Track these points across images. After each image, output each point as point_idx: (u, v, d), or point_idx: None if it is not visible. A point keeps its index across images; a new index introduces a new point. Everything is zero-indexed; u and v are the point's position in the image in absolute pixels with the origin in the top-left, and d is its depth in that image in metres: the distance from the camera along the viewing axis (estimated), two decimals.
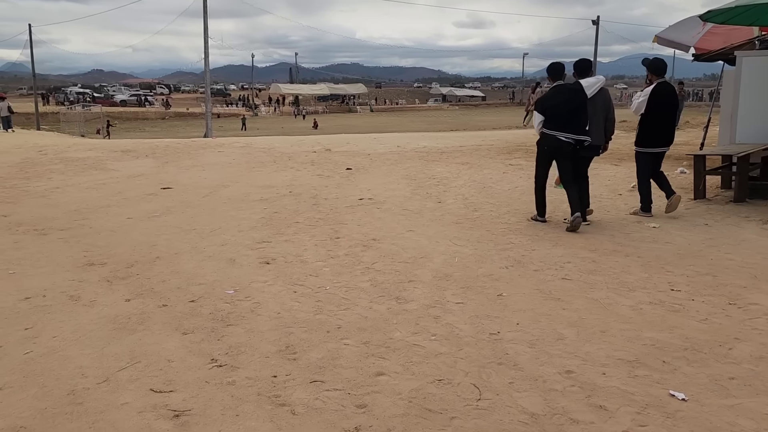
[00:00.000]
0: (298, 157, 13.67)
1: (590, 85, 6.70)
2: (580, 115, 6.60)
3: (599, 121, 6.83)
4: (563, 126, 6.58)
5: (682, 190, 8.80)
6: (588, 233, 6.34)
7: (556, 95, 6.72)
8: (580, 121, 6.60)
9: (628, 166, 11.43)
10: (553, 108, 6.67)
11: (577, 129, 6.59)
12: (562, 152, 6.70)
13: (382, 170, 11.48)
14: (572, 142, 6.61)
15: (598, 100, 6.79)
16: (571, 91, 6.69)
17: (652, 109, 7.07)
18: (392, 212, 7.67)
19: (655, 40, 12.35)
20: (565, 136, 6.59)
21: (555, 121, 6.63)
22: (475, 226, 6.81)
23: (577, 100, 6.60)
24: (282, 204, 8.29)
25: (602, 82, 6.88)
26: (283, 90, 73.59)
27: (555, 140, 6.64)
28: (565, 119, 6.59)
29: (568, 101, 6.60)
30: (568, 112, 6.58)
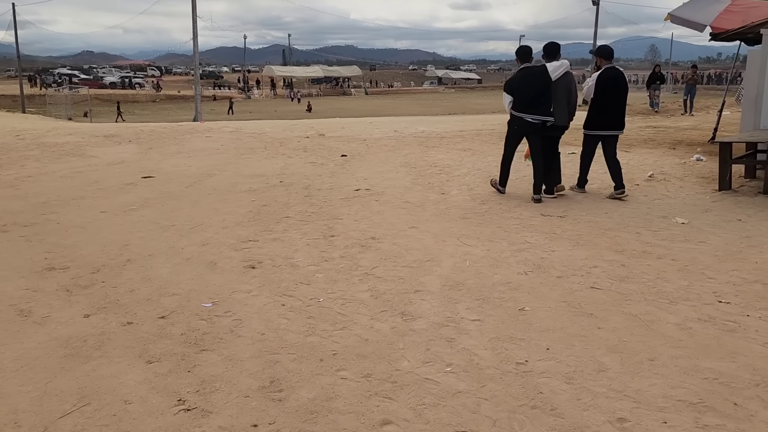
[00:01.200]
0: (290, 142, 12.96)
1: (555, 68, 7.01)
2: (545, 96, 6.95)
3: (563, 103, 7.11)
4: (529, 107, 6.96)
5: (701, 179, 8.19)
6: (612, 230, 5.70)
7: (523, 77, 7.08)
8: (545, 103, 6.96)
9: (639, 153, 10.80)
10: (520, 90, 7.03)
11: (542, 110, 6.97)
12: (530, 131, 7.10)
13: (379, 157, 10.81)
14: (538, 123, 6.99)
15: (562, 83, 7.08)
16: (536, 73, 7.00)
17: (600, 92, 7.18)
18: (392, 205, 7.02)
19: (668, 18, 11.64)
20: (531, 117, 6.98)
21: (522, 103, 7.01)
22: (484, 222, 6.17)
23: (542, 83, 6.93)
24: (272, 195, 7.62)
25: (566, 66, 7.16)
26: (276, 72, 72.25)
27: (523, 121, 7.05)
28: (531, 101, 6.95)
29: (533, 83, 6.95)
30: (533, 94, 6.94)
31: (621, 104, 7.34)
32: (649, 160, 9.86)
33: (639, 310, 3.80)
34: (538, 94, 6.95)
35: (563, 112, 7.16)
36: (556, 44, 7.38)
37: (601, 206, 6.74)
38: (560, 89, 7.07)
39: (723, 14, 10.77)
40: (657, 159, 10.05)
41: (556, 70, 7.00)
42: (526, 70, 7.11)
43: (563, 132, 7.46)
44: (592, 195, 7.33)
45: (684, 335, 3.43)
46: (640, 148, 11.63)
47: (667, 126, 16.32)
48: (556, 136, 7.43)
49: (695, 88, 22.83)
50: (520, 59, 7.25)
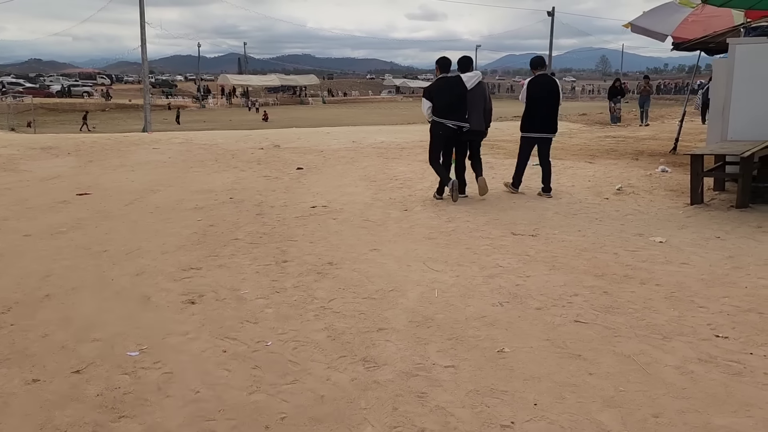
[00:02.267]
0: (243, 154, 12.32)
1: (469, 78, 7.58)
2: (461, 104, 7.50)
3: (479, 110, 7.63)
4: (448, 114, 7.48)
5: (670, 192, 7.92)
6: (588, 251, 5.30)
7: (441, 86, 7.59)
8: (461, 110, 7.50)
9: (603, 164, 10.57)
10: (439, 97, 7.53)
11: (459, 116, 7.51)
12: (450, 137, 7.63)
13: (337, 170, 10.27)
14: (456, 128, 7.53)
15: (477, 92, 7.62)
16: (453, 83, 7.54)
17: (531, 97, 7.82)
18: (351, 224, 6.49)
19: (628, 26, 11.50)
20: (450, 123, 7.50)
21: (441, 109, 7.51)
22: (451, 242, 5.69)
23: (458, 91, 7.49)
24: (220, 214, 7.00)
25: (479, 76, 7.76)
26: (232, 81, 70.95)
27: (444, 126, 7.53)
28: (448, 108, 7.48)
29: (450, 92, 7.50)
30: (450, 102, 7.48)
31: (552, 109, 7.87)
32: (614, 172, 9.59)
33: (632, 348, 3.36)
34: (455, 101, 7.49)
35: (479, 118, 7.67)
36: (468, 58, 7.97)
37: (573, 223, 6.36)
38: (475, 98, 7.60)
39: (683, 24, 10.66)
40: (622, 170, 9.80)
41: (469, 80, 7.57)
42: (444, 80, 7.64)
43: (481, 137, 7.92)
44: (563, 212, 6.95)
45: (687, 382, 3.00)
46: (603, 158, 11.41)
47: (626, 136, 16.28)
48: (475, 141, 7.91)
49: (649, 98, 22.83)
50: (440, 69, 7.74)
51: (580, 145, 14.04)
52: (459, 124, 7.54)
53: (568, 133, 17.19)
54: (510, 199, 7.71)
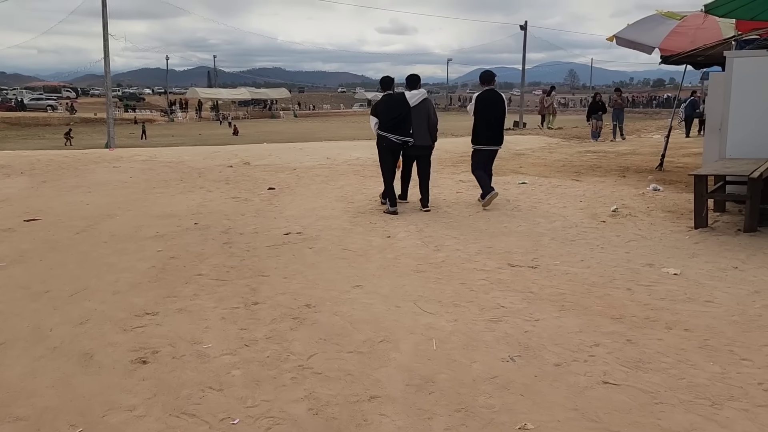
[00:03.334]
0: (210, 173, 11.58)
1: (412, 95, 7.99)
2: (405, 120, 7.79)
3: (423, 126, 7.98)
4: (393, 129, 7.76)
5: (669, 213, 7.44)
6: (597, 286, 4.73)
7: (386, 104, 7.90)
8: (405, 125, 7.80)
9: (591, 182, 10.10)
10: (384, 113, 7.83)
11: (403, 131, 7.80)
12: (395, 150, 7.94)
13: (312, 190, 9.62)
14: (401, 143, 7.85)
15: (421, 109, 7.96)
16: (396, 100, 7.86)
17: (479, 112, 8.06)
18: (329, 254, 5.85)
19: (612, 39, 11.12)
20: (395, 137, 7.79)
21: (386, 125, 7.80)
22: (443, 276, 5.09)
23: (402, 108, 7.79)
24: (183, 243, 6.29)
25: (423, 94, 8.17)
26: (201, 94, 69.69)
27: (388, 140, 7.83)
28: (393, 123, 7.76)
29: (395, 109, 7.79)
30: (395, 118, 7.75)
31: (498, 122, 8.14)
32: (604, 191, 9.12)
33: (680, 422, 2.78)
34: (399, 117, 7.76)
35: (424, 133, 8.00)
36: (416, 76, 8.34)
37: (573, 251, 5.81)
38: (419, 114, 7.92)
39: (670, 36, 10.30)
40: (612, 189, 9.33)
41: (413, 98, 7.96)
42: (388, 97, 7.96)
43: (427, 151, 8.19)
44: (560, 237, 6.40)
45: None
46: (589, 176, 10.96)
47: (606, 151, 15.94)
48: (423, 155, 8.18)
49: (623, 112, 22.10)
50: (383, 88, 8.16)
51: (562, 161, 13.61)
52: (403, 138, 7.83)
53: (548, 148, 16.80)
54: (499, 222, 7.14)
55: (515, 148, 17.11)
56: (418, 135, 7.92)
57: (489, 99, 8.07)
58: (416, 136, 7.90)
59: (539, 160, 13.84)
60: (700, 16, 10.82)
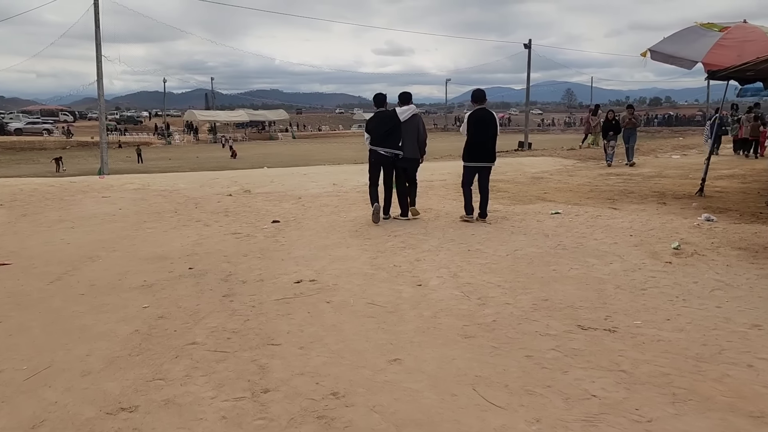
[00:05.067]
0: (208, 203, 10.56)
1: (403, 111, 8.38)
2: (394, 134, 8.25)
3: (413, 140, 8.44)
4: (382, 142, 8.24)
5: (741, 251, 6.42)
6: (706, 362, 3.68)
7: (376, 119, 8.38)
8: (395, 139, 8.26)
9: (630, 210, 9.09)
10: (375, 128, 8.31)
11: (393, 145, 8.28)
12: (384, 162, 8.34)
13: (321, 223, 8.58)
14: (390, 156, 8.30)
15: (411, 124, 8.42)
16: (387, 116, 8.33)
17: (471, 130, 8.30)
18: (352, 311, 4.80)
19: (646, 54, 10.18)
20: (384, 150, 8.27)
21: (376, 139, 8.27)
22: (500, 344, 4.04)
23: (392, 123, 8.26)
24: (175, 296, 5.25)
25: (413, 110, 8.50)
26: (199, 117, 69.01)
27: (377, 153, 8.30)
28: (382, 137, 8.23)
29: (385, 124, 8.26)
30: (385, 132, 8.22)
31: (490, 140, 8.32)
32: (652, 222, 8.10)
33: None
34: (389, 132, 8.23)
35: (413, 147, 8.46)
36: (408, 93, 8.69)
37: (649, 305, 4.76)
38: (409, 129, 8.38)
39: (715, 49, 9.35)
40: (659, 219, 8.32)
41: (403, 113, 8.36)
42: (379, 113, 8.41)
43: (415, 164, 8.65)
44: (625, 285, 5.36)
45: None
46: (624, 203, 9.95)
47: (630, 173, 14.96)
48: (410, 168, 8.62)
49: (635, 133, 18.67)
50: (376, 105, 8.47)
51: (587, 185, 12.62)
52: (392, 151, 8.30)
53: (566, 171, 15.81)
54: (545, 264, 6.11)
55: (531, 171, 16.13)
56: (408, 148, 8.38)
57: (480, 117, 8.29)
58: (406, 149, 8.36)
59: (562, 184, 12.85)
60: (745, 28, 9.92)
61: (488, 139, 8.28)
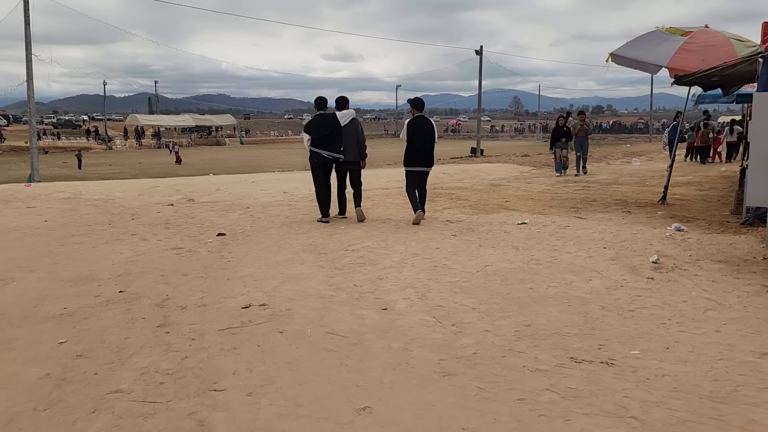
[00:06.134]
0: (146, 213, 9.68)
1: (342, 115, 8.72)
2: (336, 137, 8.53)
3: (353, 143, 8.74)
4: (324, 145, 8.49)
5: (721, 264, 6.06)
6: (724, 403, 3.19)
7: (318, 122, 8.65)
8: (334, 142, 8.53)
9: (597, 220, 8.73)
10: (315, 129, 8.55)
11: (334, 148, 8.54)
12: (326, 165, 8.64)
13: (272, 236, 7.87)
14: (332, 158, 8.58)
15: (350, 128, 8.71)
16: (328, 119, 8.63)
17: (410, 136, 8.62)
18: (310, 343, 4.14)
19: (611, 59, 9.89)
20: (326, 153, 8.51)
21: (318, 141, 8.50)
22: (484, 383, 3.45)
23: (333, 127, 8.53)
24: (99, 327, 4.47)
25: (353, 114, 8.88)
26: (142, 121, 66.53)
27: (320, 156, 8.52)
28: (324, 140, 8.48)
29: (326, 127, 8.53)
30: (326, 135, 8.48)
31: (428, 146, 8.64)
32: (623, 233, 7.73)
33: None
34: (330, 135, 8.50)
35: (353, 150, 8.76)
36: (344, 98, 8.98)
37: (642, 330, 4.28)
38: (349, 133, 8.66)
39: (680, 54, 9.12)
40: (629, 230, 7.96)
41: (343, 117, 8.68)
42: (320, 116, 8.73)
43: (357, 166, 8.92)
44: (610, 306, 4.88)
45: None
46: (588, 211, 9.61)
47: (588, 180, 14.79)
48: (353, 170, 8.91)
49: (587, 140, 17.45)
50: (317, 107, 8.88)
51: (547, 192, 12.30)
52: (333, 154, 8.57)
53: (525, 178, 15.53)
54: (520, 281, 5.59)
55: (488, 177, 15.80)
56: (349, 151, 8.70)
57: (419, 124, 8.62)
58: (347, 153, 8.68)
59: (522, 192, 12.49)
60: (707, 32, 9.74)
61: (427, 145, 8.61)
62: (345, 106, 8.89)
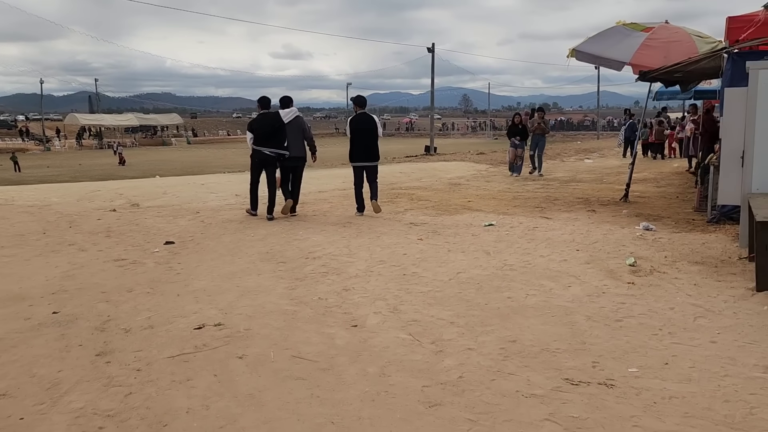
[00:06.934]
0: (86, 220, 8.95)
1: (285, 113, 8.86)
2: (278, 134, 8.64)
3: (299, 140, 8.94)
4: (266, 142, 8.62)
5: (699, 266, 5.86)
6: (740, 429, 2.89)
7: (261, 120, 8.82)
8: (279, 139, 8.65)
9: (563, 219, 8.51)
10: (258, 128, 8.70)
11: (277, 145, 8.66)
12: (268, 162, 8.74)
13: (225, 244, 7.32)
14: (275, 155, 8.68)
15: (295, 125, 8.89)
16: (271, 117, 8.79)
17: (353, 132, 8.98)
18: (274, 370, 3.67)
19: (572, 55, 9.71)
20: (268, 150, 8.64)
21: (260, 139, 8.63)
22: (476, 414, 3.06)
23: (276, 124, 8.67)
24: (28, 358, 3.89)
25: (295, 112, 9.04)
26: (82, 121, 63.83)
27: (262, 153, 8.66)
28: (266, 138, 8.62)
29: (268, 125, 8.68)
30: (268, 133, 8.62)
31: (371, 141, 8.94)
32: (593, 233, 7.50)
33: None
34: (273, 132, 8.63)
35: (298, 146, 8.94)
36: (288, 97, 9.19)
37: (635, 343, 3.97)
38: (294, 129, 8.86)
39: (642, 50, 8.99)
40: (598, 230, 7.76)
41: (286, 115, 8.85)
42: (263, 114, 8.93)
43: (301, 162, 9.11)
44: (597, 316, 4.58)
45: None
46: (553, 211, 9.40)
47: (546, 178, 14.65)
48: (296, 166, 9.06)
49: (544, 139, 15.74)
50: (260, 106, 9.16)
51: (508, 191, 12.07)
52: (277, 151, 8.69)
53: (483, 177, 15.30)
54: (496, 289, 5.25)
55: (446, 176, 15.51)
56: (293, 147, 8.85)
57: (362, 121, 8.98)
58: (291, 149, 8.82)
59: (483, 191, 12.23)
60: (668, 28, 9.66)
61: (370, 140, 8.91)
62: (288, 105, 9.08)
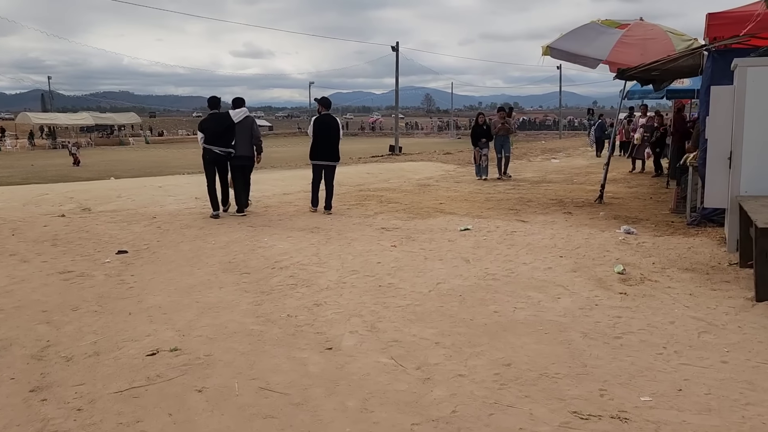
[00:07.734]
0: (31, 227, 8.26)
1: (236, 113, 9.16)
2: (227, 134, 8.91)
3: (246, 140, 9.14)
4: (215, 141, 8.87)
5: (691, 273, 5.58)
6: None
7: (211, 120, 9.06)
8: (227, 139, 8.92)
9: (539, 223, 8.20)
10: (209, 129, 8.95)
11: (225, 144, 8.91)
12: (218, 161, 8.98)
13: (183, 253, 6.76)
14: (223, 154, 8.92)
15: (245, 125, 9.14)
16: (221, 117, 9.09)
17: (316, 132, 9.27)
18: (240, 407, 3.19)
19: (546, 52, 9.41)
20: (217, 149, 8.87)
21: (210, 138, 8.88)
22: None
23: (226, 124, 8.95)
24: None
25: (245, 112, 9.30)
26: (34, 120, 61.50)
27: (211, 152, 8.89)
28: (216, 137, 8.87)
29: (219, 124, 8.95)
30: (217, 132, 8.88)
31: (332, 142, 9.28)
32: (574, 238, 7.19)
33: None
34: (222, 132, 8.84)
35: (247, 145, 9.13)
36: (240, 98, 9.44)
37: (640, 364, 3.61)
38: (243, 129, 9.04)
39: (618, 47, 8.74)
40: (578, 234, 7.45)
41: (236, 115, 9.07)
42: (214, 114, 9.13)
43: (249, 162, 9.27)
44: (593, 332, 4.21)
45: None
46: (528, 213, 9.08)
47: (518, 180, 14.38)
48: (245, 165, 9.23)
49: (509, 140, 14.94)
50: (210, 107, 9.32)
51: (479, 193, 11.74)
52: (225, 150, 8.88)
53: (452, 177, 14.95)
54: (481, 302, 4.86)
55: (415, 177, 15.12)
56: (242, 147, 9.04)
57: (325, 122, 9.30)
58: (239, 148, 9.01)
59: (453, 192, 11.88)
60: (643, 26, 9.44)
61: (331, 141, 9.23)
62: (240, 106, 9.31)
